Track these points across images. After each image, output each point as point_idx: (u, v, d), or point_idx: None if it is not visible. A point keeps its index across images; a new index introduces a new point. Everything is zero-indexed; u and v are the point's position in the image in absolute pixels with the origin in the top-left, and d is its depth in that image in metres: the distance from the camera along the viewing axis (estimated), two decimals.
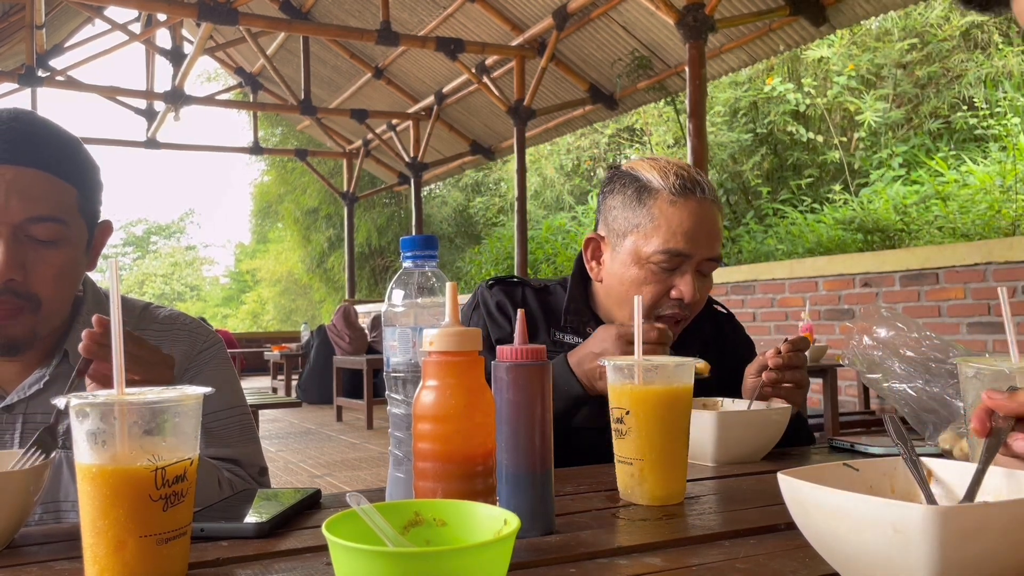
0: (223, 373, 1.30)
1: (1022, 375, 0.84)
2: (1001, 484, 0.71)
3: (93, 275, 1.27)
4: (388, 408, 0.89)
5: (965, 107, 10.46)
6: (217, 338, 1.31)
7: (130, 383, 0.73)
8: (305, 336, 11.17)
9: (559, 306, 1.52)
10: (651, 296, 1.38)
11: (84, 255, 1.17)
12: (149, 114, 12.31)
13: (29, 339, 1.12)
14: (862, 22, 8.28)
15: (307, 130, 15.59)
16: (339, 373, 8.68)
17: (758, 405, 1.31)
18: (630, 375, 1.00)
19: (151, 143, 12.39)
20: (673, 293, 1.38)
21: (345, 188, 14.43)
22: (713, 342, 1.56)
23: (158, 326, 1.26)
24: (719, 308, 1.62)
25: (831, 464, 0.75)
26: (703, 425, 1.20)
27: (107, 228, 1.23)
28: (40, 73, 10.11)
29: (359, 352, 9.16)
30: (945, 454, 1.22)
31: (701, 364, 1.08)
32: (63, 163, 1.11)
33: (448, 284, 0.80)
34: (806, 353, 1.36)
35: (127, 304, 1.26)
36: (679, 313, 1.39)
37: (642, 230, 1.38)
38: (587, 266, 1.50)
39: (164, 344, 1.22)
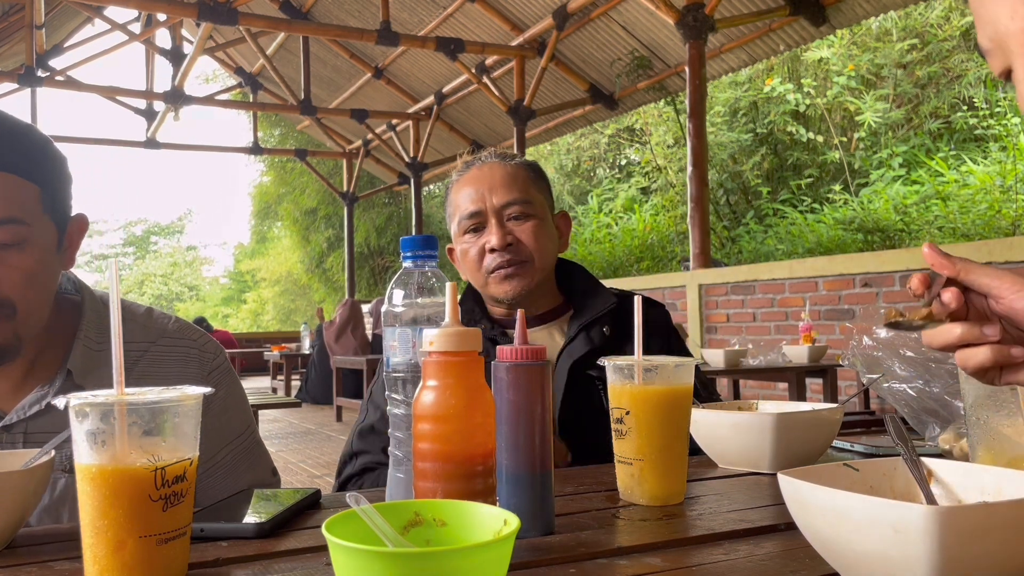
0: (234, 394, 1.28)
1: None
2: (1002, 484, 0.71)
3: (89, 276, 1.24)
4: (388, 408, 0.89)
5: (965, 107, 10.46)
6: (220, 349, 1.28)
7: None
8: (305, 336, 11.18)
9: None
10: (473, 257, 1.51)
11: (55, 255, 1.12)
12: (149, 114, 12.31)
13: (13, 346, 1.08)
14: (862, 22, 8.28)
15: (307, 130, 15.60)
16: (339, 373, 8.68)
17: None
18: (630, 375, 1.00)
19: (151, 143, 12.40)
20: (485, 246, 1.49)
21: (345, 188, 14.44)
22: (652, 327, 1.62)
23: (167, 340, 1.22)
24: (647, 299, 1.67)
25: (831, 464, 0.75)
26: (761, 428, 1.11)
27: (81, 222, 1.18)
28: (40, 73, 10.12)
29: (356, 348, 9.16)
30: (945, 454, 1.22)
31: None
32: (21, 162, 1.05)
33: (448, 284, 0.80)
34: None
35: (126, 310, 1.23)
36: (504, 261, 1.48)
37: (451, 218, 1.56)
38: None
39: (173, 363, 1.20)
